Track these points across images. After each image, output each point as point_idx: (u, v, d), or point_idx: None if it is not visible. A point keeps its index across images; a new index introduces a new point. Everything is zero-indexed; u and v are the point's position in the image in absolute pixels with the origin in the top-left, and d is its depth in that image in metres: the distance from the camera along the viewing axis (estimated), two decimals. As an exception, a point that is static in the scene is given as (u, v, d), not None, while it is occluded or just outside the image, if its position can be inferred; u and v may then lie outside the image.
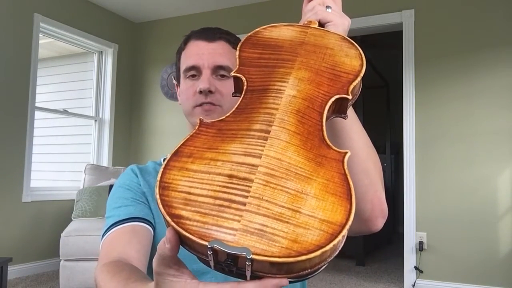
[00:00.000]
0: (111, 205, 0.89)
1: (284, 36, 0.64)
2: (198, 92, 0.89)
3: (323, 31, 0.65)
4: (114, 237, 0.81)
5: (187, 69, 0.91)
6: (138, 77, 4.69)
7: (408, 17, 3.46)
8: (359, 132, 0.71)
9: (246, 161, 0.46)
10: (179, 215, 0.42)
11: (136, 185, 0.91)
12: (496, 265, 3.06)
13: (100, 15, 4.33)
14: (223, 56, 0.91)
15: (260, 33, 0.65)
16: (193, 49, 0.92)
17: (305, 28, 0.65)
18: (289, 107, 0.52)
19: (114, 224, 0.83)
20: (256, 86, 0.56)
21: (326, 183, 0.45)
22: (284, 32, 0.65)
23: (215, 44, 0.92)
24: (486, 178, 3.14)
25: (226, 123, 0.52)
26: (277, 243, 0.40)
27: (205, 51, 0.91)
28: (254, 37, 0.64)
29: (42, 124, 4.52)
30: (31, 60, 3.65)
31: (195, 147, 0.49)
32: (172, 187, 0.45)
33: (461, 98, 3.27)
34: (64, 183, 4.55)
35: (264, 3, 4.08)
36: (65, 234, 2.95)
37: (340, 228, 0.41)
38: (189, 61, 0.92)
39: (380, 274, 3.83)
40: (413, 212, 3.33)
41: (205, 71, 0.90)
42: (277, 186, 0.44)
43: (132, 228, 0.82)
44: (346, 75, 0.57)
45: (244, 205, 0.43)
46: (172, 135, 4.41)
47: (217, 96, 0.89)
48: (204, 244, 0.40)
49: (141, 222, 0.83)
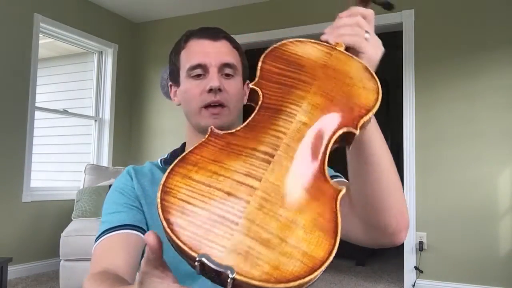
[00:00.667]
0: (105, 209, 0.90)
1: (308, 55, 0.64)
2: (207, 90, 0.87)
3: (348, 57, 0.64)
4: (104, 245, 0.84)
5: (192, 67, 0.89)
6: (138, 77, 4.69)
7: (408, 17, 3.46)
8: (383, 147, 0.70)
9: (246, 181, 0.48)
10: (175, 222, 0.44)
11: (129, 189, 0.91)
12: (496, 265, 3.06)
13: (100, 15, 4.33)
14: (228, 54, 0.91)
15: (285, 46, 0.65)
16: (196, 47, 0.91)
17: (330, 50, 0.64)
18: (296, 134, 0.53)
19: (106, 232, 0.85)
20: (271, 104, 0.57)
21: (316, 218, 0.47)
22: (309, 50, 0.64)
23: (220, 42, 0.91)
24: (486, 178, 3.14)
25: (235, 137, 0.53)
26: (259, 267, 0.42)
27: (211, 50, 0.90)
28: (279, 49, 0.64)
29: (42, 124, 4.52)
30: (31, 60, 3.65)
31: (202, 157, 0.51)
32: (173, 193, 0.47)
33: (461, 98, 3.27)
34: (64, 183, 4.55)
35: (264, 3, 4.08)
36: (65, 234, 2.95)
37: (320, 264, 0.44)
38: (193, 59, 0.90)
39: (380, 274, 3.84)
40: (413, 212, 3.33)
41: (213, 69, 0.88)
42: (269, 211, 0.46)
43: (122, 237, 0.84)
44: (359, 109, 0.57)
45: (236, 224, 0.45)
46: (172, 135, 4.41)
47: (225, 95, 0.89)
48: (194, 255, 0.42)
49: (132, 230, 0.85)
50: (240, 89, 0.93)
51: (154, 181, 0.93)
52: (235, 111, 0.92)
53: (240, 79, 0.94)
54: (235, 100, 0.90)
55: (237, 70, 0.92)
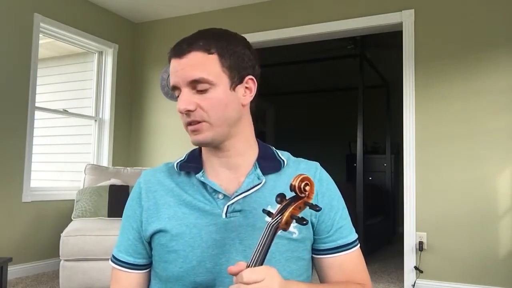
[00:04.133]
0: (121, 224, 1.01)
1: None
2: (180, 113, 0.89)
3: None
4: (116, 275, 0.98)
5: (171, 89, 0.92)
6: (138, 77, 4.69)
7: (408, 17, 3.46)
8: None
9: None
10: None
11: (134, 216, 0.97)
12: (496, 265, 3.06)
13: (100, 15, 4.33)
14: (195, 69, 0.86)
15: None
16: (171, 68, 0.91)
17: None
18: None
19: (117, 259, 0.98)
20: None
21: None
22: None
23: (185, 58, 0.87)
24: (486, 178, 3.15)
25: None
26: None
27: (178, 68, 0.88)
28: None
29: (42, 124, 4.52)
30: (31, 60, 3.65)
31: None
32: None
33: (461, 98, 3.27)
34: (64, 183, 4.55)
35: (264, 3, 4.08)
36: (65, 234, 2.95)
37: None
38: (170, 81, 0.91)
39: (380, 274, 3.84)
40: (413, 212, 3.33)
41: (183, 90, 0.88)
42: None
43: (127, 276, 0.97)
44: None
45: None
46: (172, 135, 4.42)
47: (200, 113, 0.87)
48: None
49: (133, 270, 0.97)
50: (221, 98, 0.87)
51: (167, 190, 0.96)
52: (221, 123, 0.89)
53: (223, 87, 0.88)
54: (214, 113, 0.87)
55: (211, 81, 0.86)
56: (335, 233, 0.94)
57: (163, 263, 0.91)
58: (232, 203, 0.90)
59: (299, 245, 0.91)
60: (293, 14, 3.93)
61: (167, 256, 0.90)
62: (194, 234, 0.89)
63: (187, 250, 0.88)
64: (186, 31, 1.00)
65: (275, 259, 0.88)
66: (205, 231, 0.89)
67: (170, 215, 0.92)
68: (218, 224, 0.89)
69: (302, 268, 0.93)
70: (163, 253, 0.90)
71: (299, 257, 0.92)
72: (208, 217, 0.90)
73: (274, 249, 0.88)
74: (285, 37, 3.95)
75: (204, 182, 0.92)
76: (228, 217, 0.89)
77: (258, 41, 4.00)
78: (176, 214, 0.91)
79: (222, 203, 0.90)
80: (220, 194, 0.91)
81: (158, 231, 0.91)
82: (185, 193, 0.93)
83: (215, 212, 0.90)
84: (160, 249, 0.91)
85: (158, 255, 0.92)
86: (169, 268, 0.89)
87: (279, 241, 0.88)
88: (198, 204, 0.91)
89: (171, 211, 0.92)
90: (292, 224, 0.79)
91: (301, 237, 0.91)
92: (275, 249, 0.88)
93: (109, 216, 3.31)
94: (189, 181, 0.95)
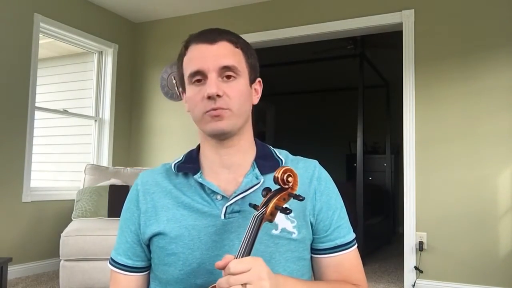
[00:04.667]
0: (119, 226, 1.00)
1: None
2: (206, 97, 0.87)
3: None
4: (115, 278, 0.97)
5: (192, 74, 0.89)
6: (138, 77, 4.69)
7: (408, 17, 3.46)
8: None
9: None
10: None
11: (132, 218, 0.96)
12: (496, 265, 3.06)
13: (100, 15, 4.33)
14: (227, 56, 0.89)
15: None
16: (195, 53, 0.90)
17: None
18: None
19: (115, 262, 0.97)
20: None
21: None
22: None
23: (218, 45, 0.89)
24: (486, 178, 3.14)
25: None
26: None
27: (208, 54, 0.88)
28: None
29: (42, 124, 4.52)
30: (31, 60, 3.65)
31: None
32: None
33: (461, 98, 3.27)
34: (64, 183, 4.55)
35: (264, 3, 4.08)
36: (65, 234, 2.95)
37: None
38: (192, 66, 0.89)
39: (380, 274, 3.84)
40: (413, 212, 3.33)
41: (211, 75, 0.87)
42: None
43: (125, 278, 0.97)
44: None
45: None
46: (172, 135, 4.42)
47: (225, 100, 0.87)
48: None
49: (131, 273, 0.97)
50: (244, 90, 0.90)
51: (165, 192, 0.95)
52: (241, 114, 0.90)
53: (245, 80, 0.92)
54: (237, 102, 0.89)
55: (239, 71, 0.89)
56: (333, 232, 0.94)
57: (162, 266, 0.90)
58: (230, 204, 0.89)
59: (299, 245, 0.91)
60: (293, 14, 3.93)
61: (167, 258, 0.89)
62: (193, 236, 0.88)
63: (187, 252, 0.88)
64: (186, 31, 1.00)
65: (275, 259, 0.88)
66: (204, 232, 0.88)
67: (168, 218, 0.91)
68: (217, 225, 0.89)
69: (303, 268, 0.93)
70: (162, 256, 0.90)
71: (300, 257, 0.91)
72: (207, 219, 0.89)
73: (274, 250, 0.88)
74: (285, 37, 3.95)
75: (202, 183, 0.92)
76: (227, 218, 0.89)
77: (258, 41, 4.00)
78: (174, 216, 0.91)
79: (220, 204, 0.90)
80: (218, 195, 0.91)
81: (156, 233, 0.91)
82: (183, 194, 0.93)
83: (214, 213, 0.89)
84: (159, 252, 0.91)
85: (158, 258, 0.91)
86: (169, 271, 0.89)
87: (279, 241, 0.88)
88: (197, 206, 0.91)
89: (169, 213, 0.92)
90: (277, 216, 0.82)
91: (301, 237, 0.91)
92: (275, 250, 0.88)
93: (109, 216, 3.31)
94: (187, 182, 0.95)
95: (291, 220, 0.91)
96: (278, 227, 0.89)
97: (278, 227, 0.89)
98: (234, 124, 0.89)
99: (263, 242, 0.87)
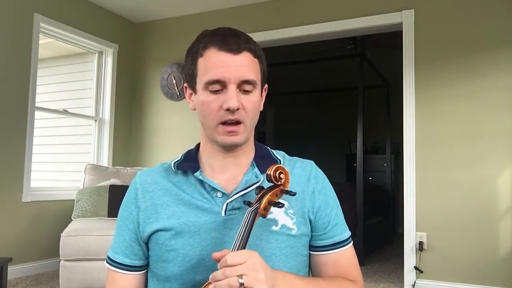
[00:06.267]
0: (117, 225, 1.00)
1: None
2: (225, 109, 0.86)
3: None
4: (112, 277, 0.97)
5: (211, 82, 0.87)
6: (138, 77, 4.69)
7: (408, 17, 3.46)
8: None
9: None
10: None
11: (131, 216, 0.96)
12: (496, 265, 3.06)
13: (100, 15, 4.33)
14: (249, 69, 0.88)
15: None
16: (216, 60, 0.87)
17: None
18: None
19: (112, 261, 0.97)
20: None
21: None
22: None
23: (240, 56, 0.87)
24: (486, 178, 3.14)
25: None
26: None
27: (231, 64, 0.86)
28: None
29: (42, 124, 4.52)
30: (31, 60, 3.65)
31: None
32: None
33: (461, 98, 3.27)
34: (64, 183, 4.55)
35: (264, 3, 4.08)
36: (65, 234, 2.95)
37: None
38: (213, 74, 0.86)
39: (380, 274, 3.84)
40: (413, 212, 3.33)
41: (231, 87, 0.86)
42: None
43: (122, 277, 0.96)
44: None
45: None
46: (172, 135, 4.42)
47: (242, 113, 0.88)
48: None
49: (129, 272, 0.96)
50: (257, 102, 0.92)
51: (164, 190, 0.96)
52: (251, 126, 0.93)
53: (258, 91, 0.92)
54: (251, 115, 0.90)
55: (256, 84, 0.90)
56: (331, 230, 0.97)
57: (161, 263, 0.91)
58: (231, 201, 0.90)
59: (298, 241, 0.93)
60: (293, 14, 3.93)
61: (166, 255, 0.90)
62: (193, 233, 0.89)
63: (187, 248, 0.89)
64: (186, 31, 1.00)
65: (275, 255, 0.89)
66: (204, 229, 0.89)
67: (169, 215, 0.92)
68: (218, 222, 0.89)
69: (300, 264, 0.95)
70: (161, 252, 0.90)
71: (298, 253, 0.93)
72: (207, 215, 0.90)
73: (275, 246, 0.89)
74: (285, 37, 3.95)
75: (202, 181, 0.93)
76: (227, 215, 0.90)
77: (258, 41, 3.99)
78: (175, 213, 0.91)
79: (221, 201, 0.91)
80: (218, 193, 0.92)
81: (156, 230, 0.91)
82: (183, 192, 0.94)
83: (214, 210, 0.90)
84: (159, 249, 0.91)
85: (156, 255, 0.92)
86: (169, 267, 0.90)
87: (279, 237, 0.90)
88: (197, 203, 0.92)
89: (169, 210, 0.92)
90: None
91: (300, 233, 0.93)
92: (275, 246, 0.89)
93: (109, 216, 3.31)
94: (186, 180, 0.95)
95: (291, 217, 0.92)
96: (278, 224, 0.91)
97: (278, 223, 0.91)
98: (246, 137, 0.92)
99: (263, 238, 0.89)
